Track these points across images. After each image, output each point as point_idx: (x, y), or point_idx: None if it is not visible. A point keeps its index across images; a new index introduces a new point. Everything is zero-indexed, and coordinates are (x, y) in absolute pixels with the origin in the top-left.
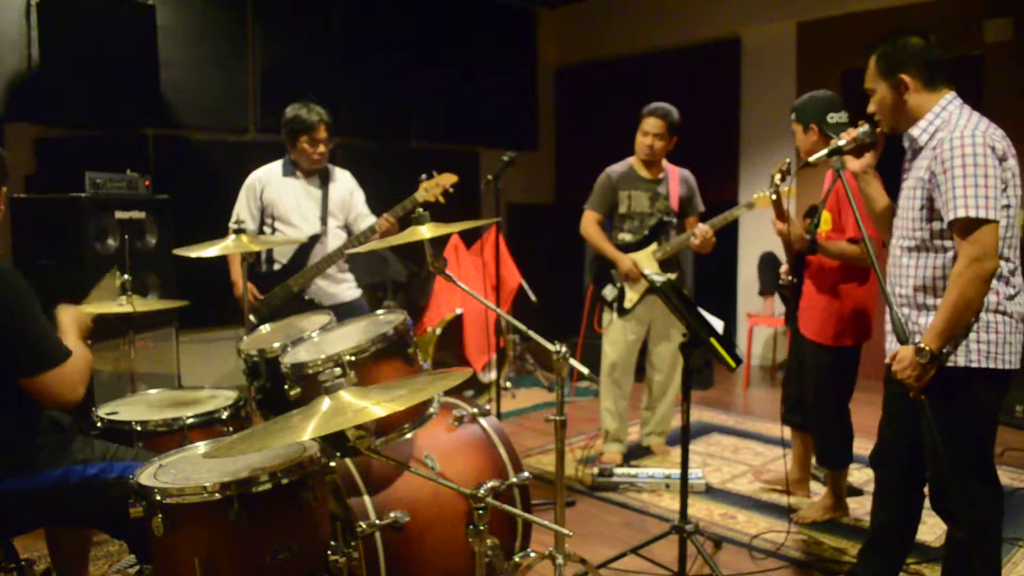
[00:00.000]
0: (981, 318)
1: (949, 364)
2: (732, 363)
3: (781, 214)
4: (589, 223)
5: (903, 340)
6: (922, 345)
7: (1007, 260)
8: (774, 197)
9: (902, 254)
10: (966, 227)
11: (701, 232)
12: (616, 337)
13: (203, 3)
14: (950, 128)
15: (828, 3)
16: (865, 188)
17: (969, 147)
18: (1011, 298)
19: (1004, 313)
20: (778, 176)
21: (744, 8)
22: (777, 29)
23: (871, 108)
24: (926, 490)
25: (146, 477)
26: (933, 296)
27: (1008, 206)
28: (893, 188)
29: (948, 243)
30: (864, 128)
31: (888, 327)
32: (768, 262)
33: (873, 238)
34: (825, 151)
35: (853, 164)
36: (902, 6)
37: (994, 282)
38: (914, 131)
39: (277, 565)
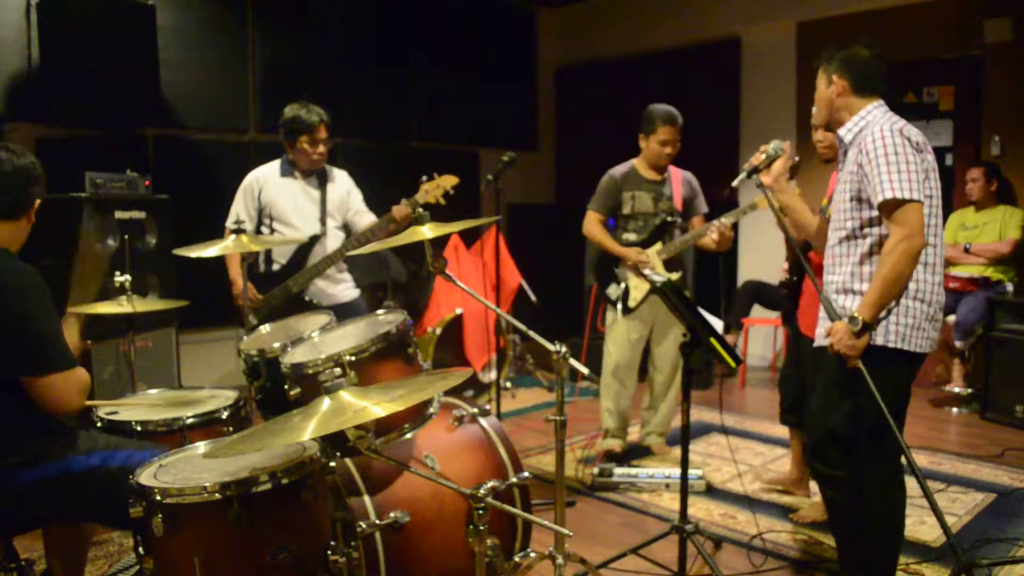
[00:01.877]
0: (901, 303)
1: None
2: (732, 363)
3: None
4: (591, 223)
5: (832, 317)
6: (855, 315)
7: (933, 247)
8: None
9: (835, 243)
10: (893, 207)
11: (719, 226)
12: (620, 336)
13: (203, 3)
14: (871, 127)
15: (828, 3)
16: (778, 196)
17: (888, 137)
18: (930, 289)
19: (922, 301)
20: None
21: (744, 8)
22: (777, 29)
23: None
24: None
25: (146, 477)
26: (860, 281)
27: (930, 196)
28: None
29: (874, 230)
30: (772, 144)
31: (820, 315)
32: (753, 292)
33: (799, 241)
34: (744, 173)
35: (766, 179)
36: (902, 6)
37: (918, 269)
38: (841, 131)
39: (277, 565)
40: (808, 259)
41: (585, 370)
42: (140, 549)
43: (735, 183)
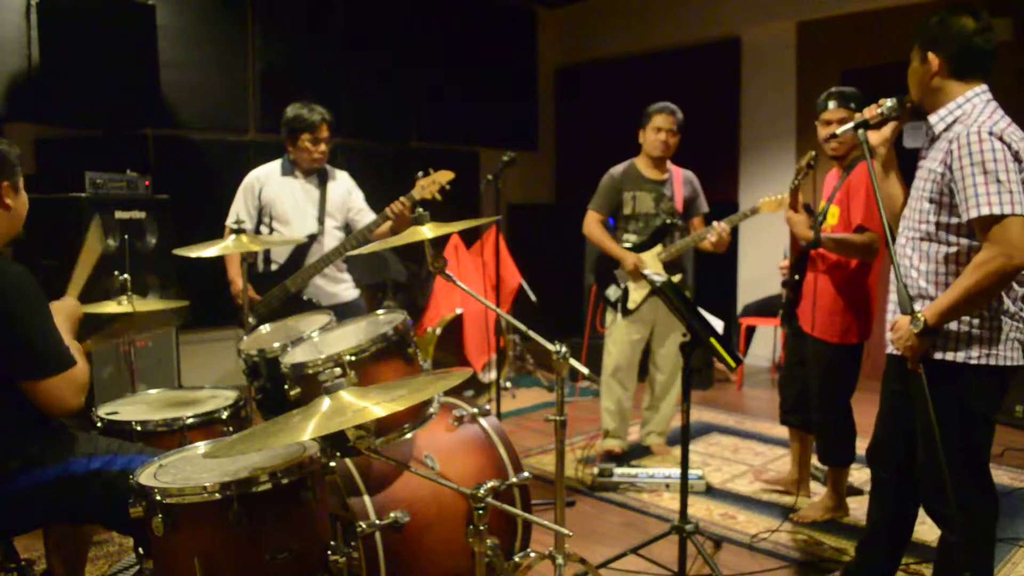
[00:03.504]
0: (984, 316)
1: (949, 359)
2: (732, 363)
3: (795, 204)
4: (592, 223)
5: (905, 310)
6: (919, 315)
7: None
8: (797, 183)
9: (907, 243)
10: (988, 224)
11: (718, 229)
12: (619, 337)
13: (203, 3)
14: (968, 122)
15: (828, 3)
16: (879, 163)
17: (987, 141)
18: (1015, 300)
19: (1006, 312)
20: (804, 165)
21: (744, 8)
22: (777, 29)
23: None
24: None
25: (146, 477)
26: (934, 287)
27: None
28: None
29: (953, 238)
30: (890, 102)
31: (889, 312)
32: (755, 311)
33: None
34: (851, 124)
35: (873, 137)
36: (902, 6)
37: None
38: (932, 118)
39: (277, 565)
40: (812, 258)
41: (585, 370)
42: (140, 549)
43: (840, 132)
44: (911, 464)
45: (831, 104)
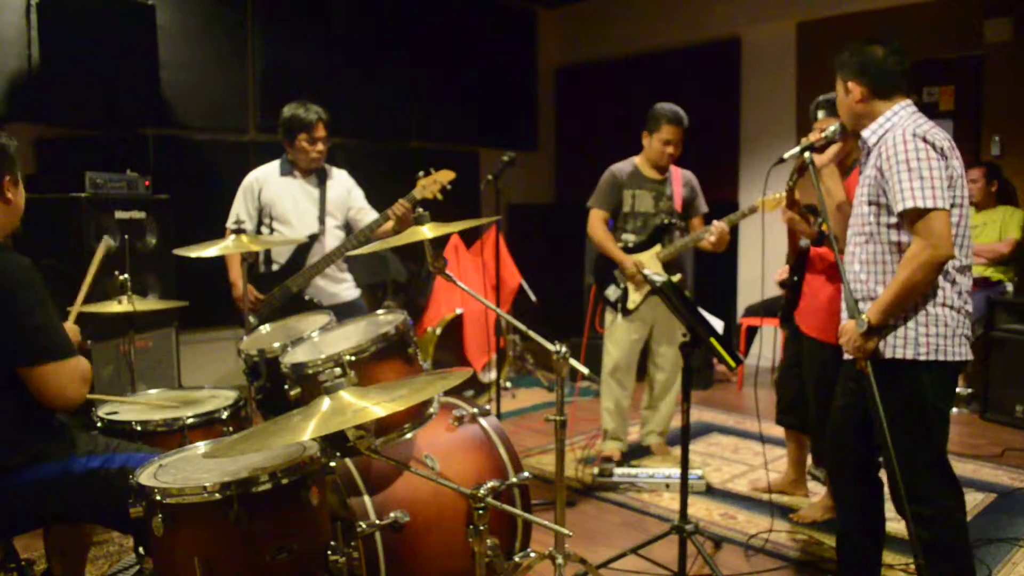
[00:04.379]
0: (929, 312)
1: (899, 356)
2: (732, 363)
3: (792, 203)
4: (596, 222)
5: (852, 314)
6: (863, 316)
7: (955, 258)
8: (792, 183)
9: (855, 248)
10: (915, 216)
11: (717, 229)
12: (619, 337)
13: (203, 3)
14: (895, 130)
15: (828, 3)
16: (825, 181)
17: (911, 142)
18: (959, 294)
19: (951, 307)
20: (798, 166)
21: (744, 8)
22: (777, 29)
23: None
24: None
25: (146, 477)
26: (881, 286)
27: (956, 205)
28: None
29: (894, 235)
30: (832, 127)
31: (841, 314)
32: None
33: (836, 226)
34: (798, 148)
35: (819, 159)
36: (902, 6)
37: (940, 278)
38: (865, 133)
39: (277, 565)
40: (811, 259)
41: (585, 370)
42: (140, 549)
43: (787, 156)
44: (869, 461)
45: (820, 113)
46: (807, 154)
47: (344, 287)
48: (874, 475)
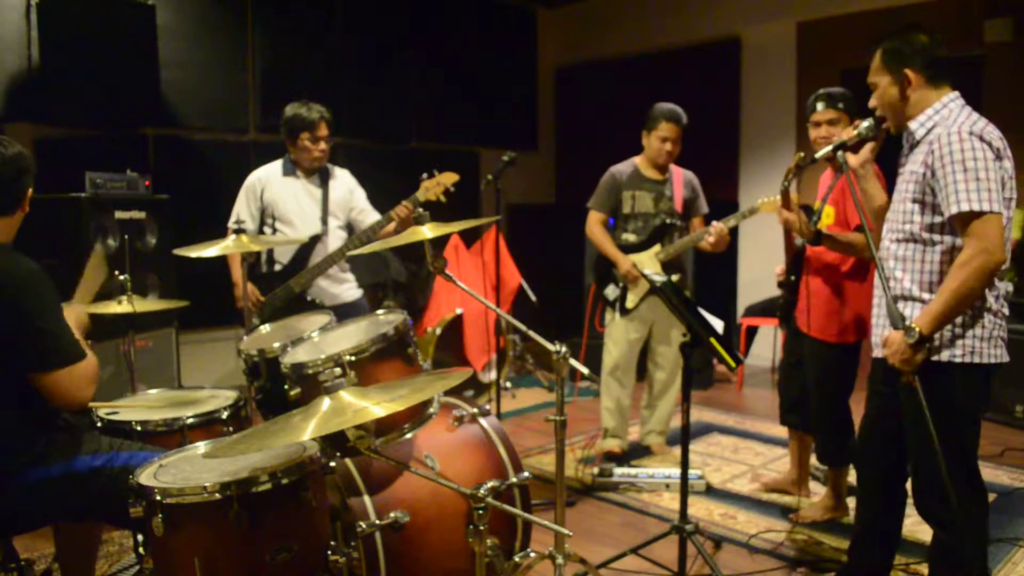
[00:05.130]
0: (967, 314)
1: (935, 359)
2: (732, 363)
3: (788, 204)
4: (594, 223)
5: (896, 325)
6: (912, 325)
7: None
8: (786, 184)
9: (891, 245)
10: (969, 219)
11: (716, 230)
12: (618, 337)
13: (203, 3)
14: (947, 124)
15: (828, 3)
16: (863, 184)
17: (967, 141)
18: (997, 297)
19: (990, 310)
20: (794, 166)
21: (744, 8)
22: (777, 29)
23: (873, 102)
24: (909, 486)
25: (146, 477)
26: (919, 287)
27: (1008, 207)
28: (891, 183)
29: (937, 237)
30: (867, 123)
31: (874, 320)
32: (757, 313)
33: (872, 231)
34: (830, 147)
35: (852, 160)
36: (902, 6)
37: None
38: (912, 124)
39: (277, 565)
40: (807, 259)
41: (585, 370)
42: (140, 549)
43: (819, 155)
44: (899, 465)
45: (819, 105)
46: (840, 153)
47: (346, 288)
48: (902, 484)
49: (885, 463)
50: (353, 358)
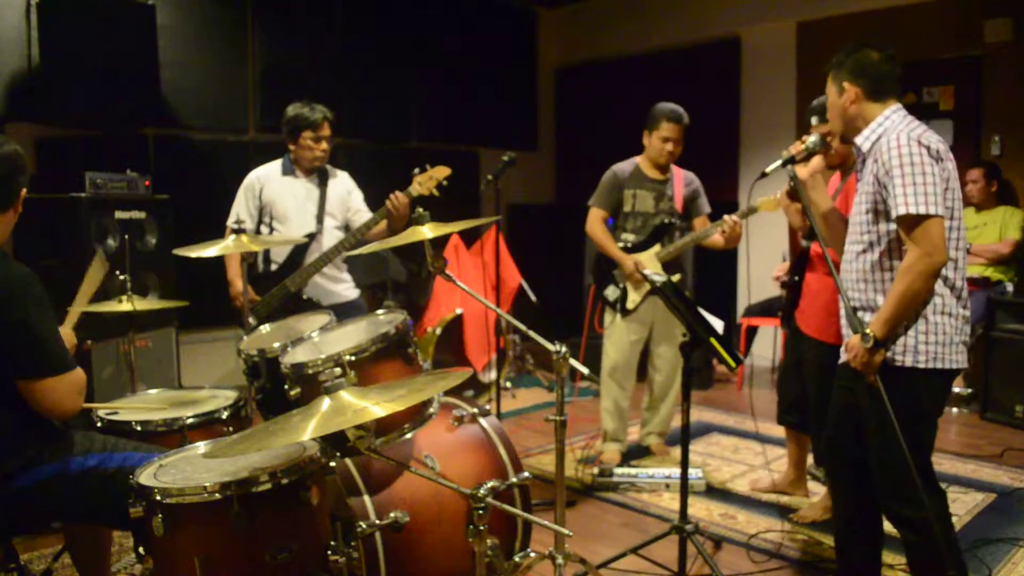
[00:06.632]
0: (930, 320)
1: (897, 363)
2: (732, 363)
3: (794, 196)
4: (594, 221)
5: (855, 329)
6: (867, 331)
7: (953, 261)
8: (791, 184)
9: (853, 258)
10: (911, 223)
11: (732, 222)
12: (618, 338)
13: (203, 3)
14: (888, 134)
15: (828, 3)
16: (809, 192)
17: (905, 147)
18: (958, 299)
19: (949, 315)
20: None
21: (744, 8)
22: (777, 29)
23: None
24: None
25: (146, 477)
26: (881, 295)
27: (951, 208)
28: None
29: (895, 242)
30: (813, 137)
31: (842, 324)
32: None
33: (825, 237)
34: (779, 161)
35: (801, 172)
36: (902, 6)
37: (939, 284)
38: (858, 139)
39: (277, 565)
40: (811, 259)
41: (585, 370)
42: (140, 549)
43: (769, 169)
44: (866, 460)
45: (813, 120)
46: (789, 167)
47: (343, 287)
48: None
49: (853, 458)
50: (353, 358)
